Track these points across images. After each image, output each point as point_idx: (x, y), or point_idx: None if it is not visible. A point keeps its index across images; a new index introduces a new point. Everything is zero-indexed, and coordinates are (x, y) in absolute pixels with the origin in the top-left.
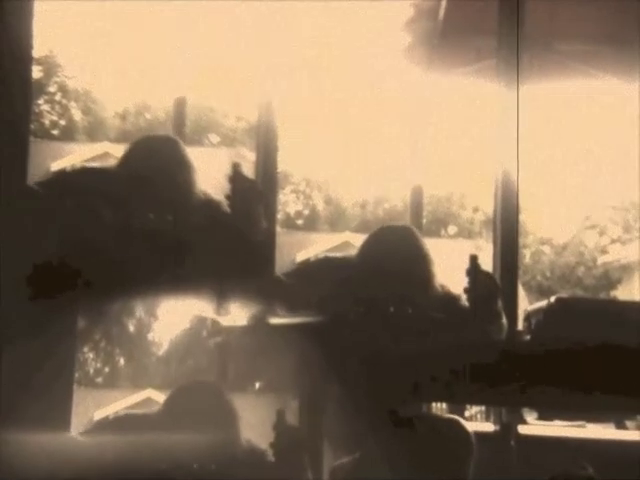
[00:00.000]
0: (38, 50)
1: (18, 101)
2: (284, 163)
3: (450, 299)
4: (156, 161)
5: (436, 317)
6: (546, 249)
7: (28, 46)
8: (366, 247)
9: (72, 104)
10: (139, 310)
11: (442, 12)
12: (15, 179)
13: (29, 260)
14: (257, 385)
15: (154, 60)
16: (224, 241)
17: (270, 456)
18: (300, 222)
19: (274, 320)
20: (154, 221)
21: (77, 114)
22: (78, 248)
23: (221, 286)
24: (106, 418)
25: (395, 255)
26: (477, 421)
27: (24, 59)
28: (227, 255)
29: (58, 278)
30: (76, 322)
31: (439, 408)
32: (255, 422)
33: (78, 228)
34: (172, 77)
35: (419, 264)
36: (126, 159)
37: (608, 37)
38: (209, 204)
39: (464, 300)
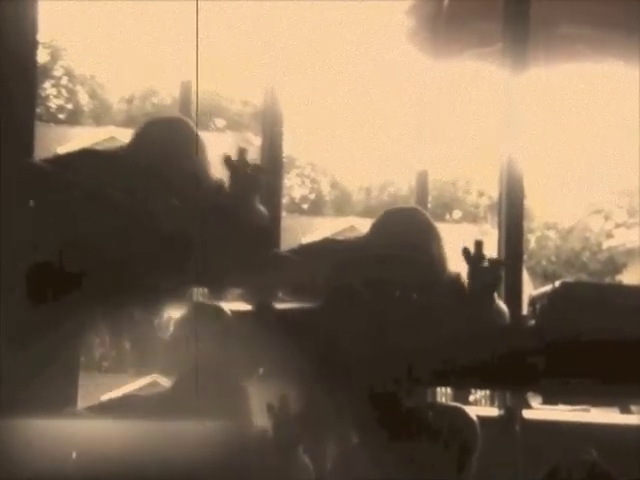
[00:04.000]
0: (44, 34)
1: (23, 85)
2: (290, 147)
3: (457, 283)
4: (166, 146)
5: (441, 302)
6: (551, 234)
7: (34, 30)
8: (374, 230)
9: (78, 88)
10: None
11: None
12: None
13: (31, 256)
14: (261, 371)
15: (161, 44)
16: (228, 227)
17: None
18: (305, 206)
19: (278, 306)
20: (161, 207)
21: (83, 98)
22: (85, 236)
23: (225, 272)
24: (112, 398)
25: (404, 239)
26: (481, 405)
27: (29, 42)
28: (231, 240)
29: (61, 279)
30: (82, 315)
31: (444, 393)
32: (259, 408)
33: (89, 213)
34: (178, 61)
35: (428, 248)
36: (135, 143)
37: (614, 21)
38: (217, 189)
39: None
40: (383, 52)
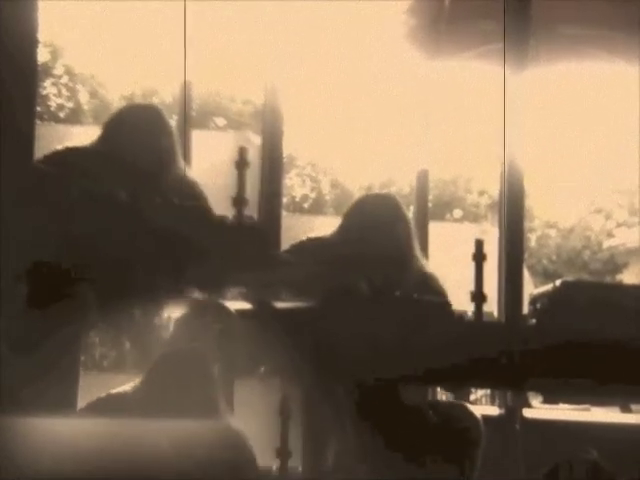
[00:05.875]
0: (44, 33)
1: (24, 84)
2: (290, 147)
3: (424, 276)
4: (131, 133)
5: (424, 300)
6: (552, 233)
7: (34, 28)
8: (345, 216)
9: (79, 87)
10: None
11: None
12: (21, 163)
13: (31, 258)
14: (262, 370)
15: (161, 43)
16: (228, 228)
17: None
18: (306, 206)
19: (278, 305)
20: (157, 206)
21: (84, 97)
22: (84, 237)
23: (224, 270)
24: (93, 401)
25: (370, 221)
26: (482, 405)
27: (30, 41)
28: (230, 240)
29: (61, 280)
30: (82, 317)
31: (443, 392)
32: (260, 406)
33: (87, 212)
34: (179, 60)
35: (393, 228)
36: (104, 134)
37: (615, 21)
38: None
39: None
40: (384, 51)
